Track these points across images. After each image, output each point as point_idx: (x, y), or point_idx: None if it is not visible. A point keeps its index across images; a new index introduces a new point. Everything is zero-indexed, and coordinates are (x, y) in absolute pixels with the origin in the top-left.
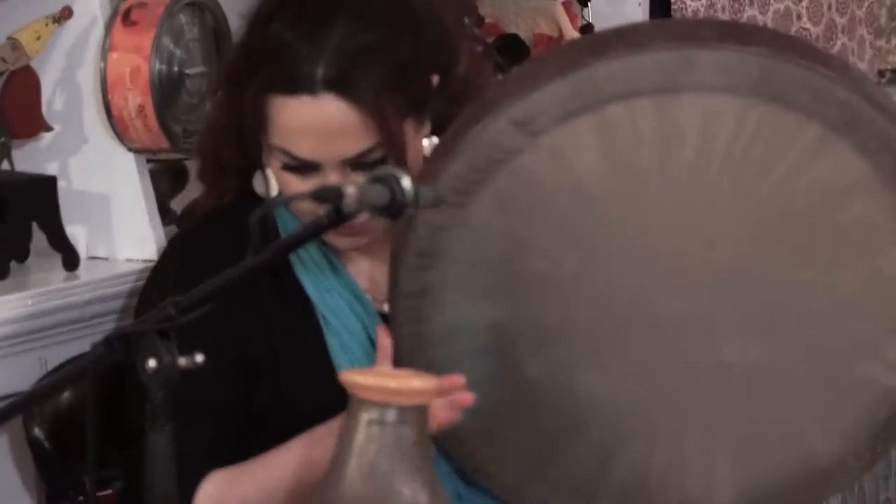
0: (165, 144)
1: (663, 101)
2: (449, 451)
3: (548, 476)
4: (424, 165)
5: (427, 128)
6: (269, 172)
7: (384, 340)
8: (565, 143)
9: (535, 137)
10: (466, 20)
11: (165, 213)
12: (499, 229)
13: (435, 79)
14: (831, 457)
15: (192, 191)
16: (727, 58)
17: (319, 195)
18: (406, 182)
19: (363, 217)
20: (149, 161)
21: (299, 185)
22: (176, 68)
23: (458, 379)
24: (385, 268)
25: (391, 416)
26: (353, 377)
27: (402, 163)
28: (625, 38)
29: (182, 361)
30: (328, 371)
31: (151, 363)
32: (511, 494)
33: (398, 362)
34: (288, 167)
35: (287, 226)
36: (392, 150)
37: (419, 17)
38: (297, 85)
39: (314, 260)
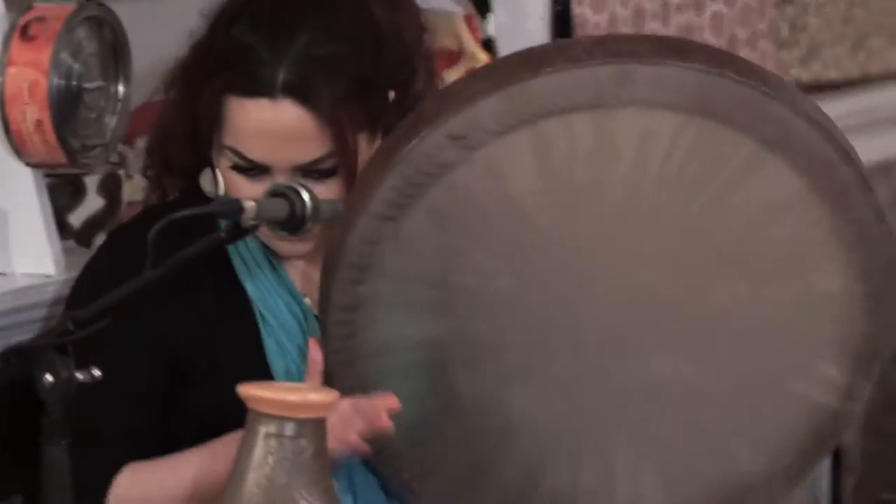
0: (63, 159)
1: (600, 116)
2: (377, 466)
3: (476, 492)
4: (360, 177)
5: (378, 141)
6: (219, 172)
7: (315, 355)
8: (501, 158)
9: (472, 152)
10: (424, 39)
11: (64, 228)
12: (432, 244)
13: (392, 94)
14: (758, 472)
15: (91, 205)
16: (665, 73)
17: (218, 209)
18: (305, 196)
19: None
20: (47, 176)
21: (247, 186)
22: (74, 83)
23: (388, 401)
24: None
25: (289, 429)
26: (252, 391)
27: (352, 174)
28: (564, 53)
29: (80, 376)
30: (264, 372)
31: (48, 378)
32: None
33: (329, 376)
34: (238, 168)
35: None
36: (344, 160)
37: (383, 32)
38: (257, 87)
39: (255, 259)
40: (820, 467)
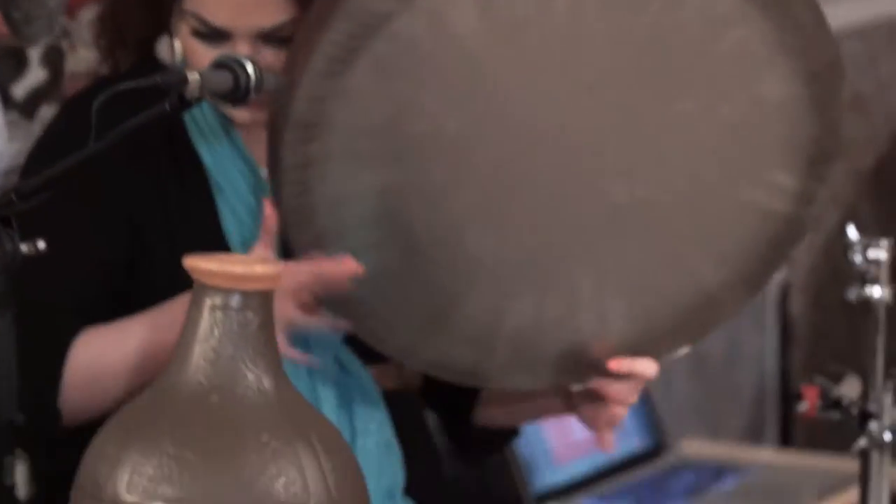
0: (5, 30)
1: None
2: (341, 317)
3: (442, 333)
4: (298, 35)
5: None
6: (177, 41)
7: (269, 213)
8: (442, 2)
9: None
10: None
11: (6, 100)
12: (380, 95)
13: None
14: (722, 284)
15: (34, 77)
16: None
17: (161, 81)
18: (249, 68)
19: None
20: None
21: (207, 53)
22: None
23: (348, 265)
24: None
25: (235, 301)
26: (198, 262)
27: None
28: None
29: (24, 248)
30: (220, 242)
31: None
32: (405, 356)
33: (285, 235)
34: (198, 34)
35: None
36: None
37: None
38: None
39: (211, 128)
40: (769, 340)
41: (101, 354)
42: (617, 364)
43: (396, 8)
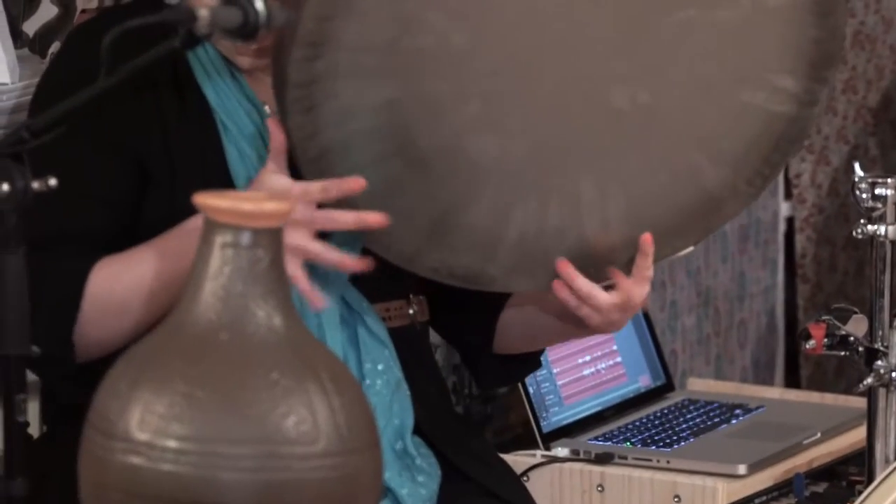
0: None
1: None
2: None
3: (446, 240)
4: None
5: None
6: None
7: (275, 132)
8: None
9: None
10: None
11: (17, 36)
12: (385, 12)
13: None
14: (723, 184)
15: (45, 13)
16: None
17: (170, 17)
18: (259, 4)
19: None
20: None
21: None
22: None
23: (355, 183)
24: None
25: (245, 238)
26: (207, 200)
27: None
28: None
29: (35, 185)
30: (225, 179)
31: (4, 186)
32: (410, 262)
33: (292, 151)
34: None
35: (197, 49)
36: None
37: None
38: None
39: (216, 67)
40: (775, 278)
41: (114, 285)
42: (648, 240)
43: None
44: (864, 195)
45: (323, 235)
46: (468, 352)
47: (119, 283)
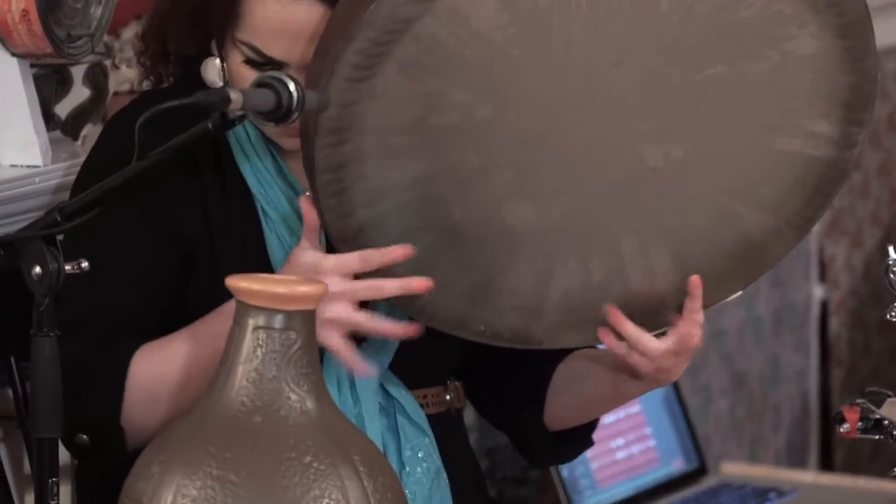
0: (49, 49)
1: None
2: (389, 300)
3: (489, 305)
4: (320, 45)
5: None
6: (224, 64)
7: (308, 211)
8: (462, 2)
9: (431, 2)
10: None
11: (50, 119)
12: (408, 93)
13: None
14: (765, 229)
15: (77, 96)
16: None
17: (203, 100)
18: (292, 87)
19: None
20: (33, 66)
21: None
22: None
23: (400, 250)
24: None
25: (278, 321)
26: (241, 282)
27: None
28: None
29: (68, 268)
30: (265, 265)
31: (37, 270)
32: (454, 328)
33: (327, 232)
34: (251, 63)
35: (237, 129)
36: None
37: None
38: None
39: (257, 152)
40: (809, 361)
41: (155, 371)
42: (696, 282)
43: (417, 11)
44: None
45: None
46: (519, 430)
47: (160, 368)
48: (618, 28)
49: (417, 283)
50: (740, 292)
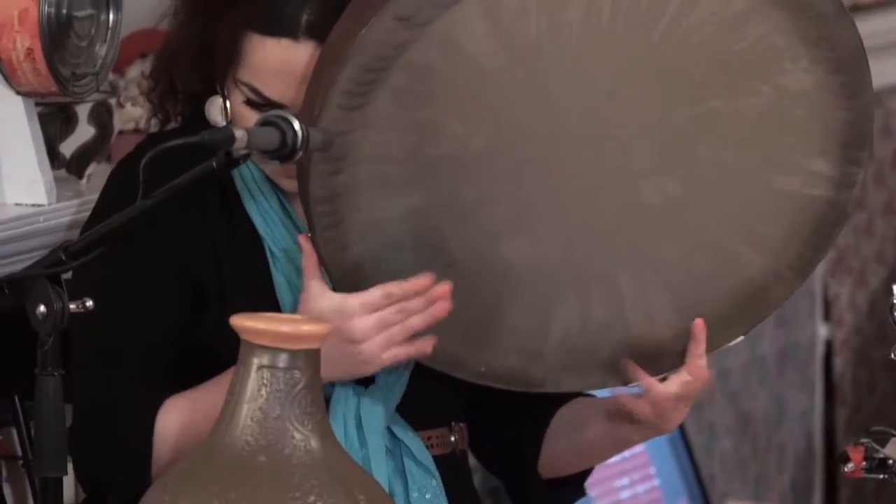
0: (54, 87)
1: None
2: None
3: (489, 344)
4: (314, 73)
5: None
6: (226, 102)
7: (307, 249)
8: (453, 28)
9: (423, 28)
10: None
11: (55, 157)
12: (402, 122)
13: None
14: (765, 270)
15: (82, 134)
16: None
17: (208, 139)
18: (296, 125)
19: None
20: (37, 104)
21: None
22: (64, 10)
23: (419, 282)
24: None
25: (282, 361)
26: (245, 322)
27: None
28: None
29: (72, 306)
30: (273, 305)
31: (41, 309)
32: (455, 368)
33: (324, 265)
34: (251, 104)
35: (242, 169)
36: None
37: None
38: (280, 27)
39: (262, 192)
40: (813, 400)
41: (183, 423)
42: (700, 326)
43: (408, 38)
44: None
45: None
46: (512, 475)
47: (188, 418)
48: (610, 57)
49: (440, 289)
50: (742, 337)
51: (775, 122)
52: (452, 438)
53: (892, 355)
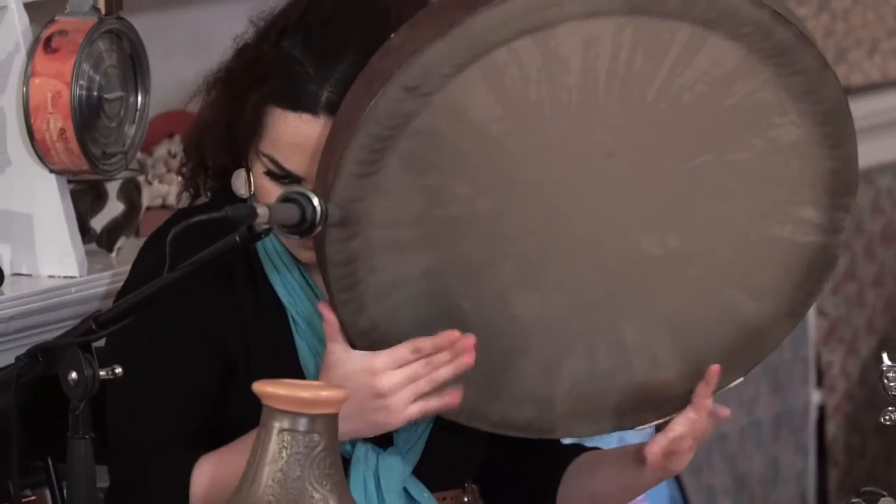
0: (85, 166)
1: (542, 36)
2: None
3: (502, 395)
4: (326, 142)
5: None
6: (249, 174)
7: (328, 315)
8: (459, 96)
9: (429, 97)
10: None
11: (86, 232)
12: (411, 187)
13: None
14: (762, 315)
15: (112, 210)
16: None
17: (232, 214)
18: (315, 201)
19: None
20: (70, 182)
21: (278, 192)
22: (95, 93)
23: (449, 336)
24: None
25: (302, 424)
26: (266, 388)
27: None
28: None
29: (102, 373)
30: (296, 372)
31: (73, 375)
32: (470, 419)
33: (343, 326)
34: (272, 175)
35: (265, 242)
36: None
37: None
38: (301, 102)
39: (285, 264)
40: (807, 463)
41: (215, 481)
42: (715, 371)
43: (416, 107)
44: (892, 383)
45: None
46: None
47: (220, 477)
48: (608, 118)
49: (468, 340)
50: (741, 379)
51: (766, 174)
52: (466, 499)
53: (882, 420)
